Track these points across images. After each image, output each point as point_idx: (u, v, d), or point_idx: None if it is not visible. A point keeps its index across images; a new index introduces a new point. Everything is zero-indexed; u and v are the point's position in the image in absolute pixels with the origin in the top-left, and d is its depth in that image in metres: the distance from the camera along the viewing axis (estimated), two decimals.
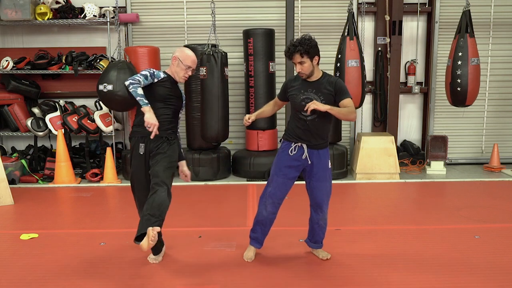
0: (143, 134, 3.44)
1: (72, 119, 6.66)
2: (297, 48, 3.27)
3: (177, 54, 3.57)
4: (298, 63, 3.32)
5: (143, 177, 3.49)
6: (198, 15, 7.15)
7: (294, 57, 3.31)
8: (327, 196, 3.54)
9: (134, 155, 3.51)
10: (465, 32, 6.22)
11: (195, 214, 4.83)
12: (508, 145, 7.59)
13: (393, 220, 4.73)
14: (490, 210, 4.97)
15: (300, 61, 3.31)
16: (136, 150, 3.49)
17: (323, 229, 3.65)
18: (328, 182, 3.52)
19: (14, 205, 5.29)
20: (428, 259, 3.70)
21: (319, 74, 3.43)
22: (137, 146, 3.49)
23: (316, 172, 3.47)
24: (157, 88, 3.50)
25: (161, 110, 3.49)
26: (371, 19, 7.36)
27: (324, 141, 3.49)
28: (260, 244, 3.75)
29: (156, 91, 3.49)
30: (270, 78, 6.73)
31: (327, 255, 3.71)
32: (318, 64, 3.42)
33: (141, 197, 3.52)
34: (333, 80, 3.42)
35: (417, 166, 7.22)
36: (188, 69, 3.57)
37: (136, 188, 3.55)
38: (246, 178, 6.60)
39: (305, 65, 3.32)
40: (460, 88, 6.25)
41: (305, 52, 3.27)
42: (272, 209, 3.56)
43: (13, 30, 7.18)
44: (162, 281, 3.38)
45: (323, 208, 3.55)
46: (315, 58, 3.35)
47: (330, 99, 3.37)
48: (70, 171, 6.35)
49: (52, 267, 3.61)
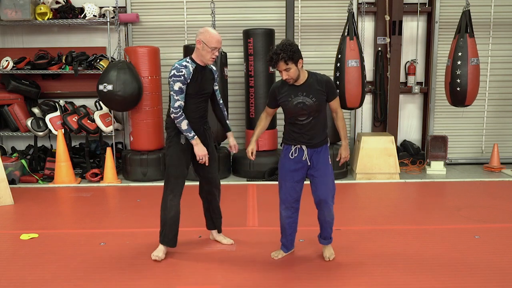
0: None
1: (72, 119, 6.66)
2: (280, 56, 3.23)
3: (201, 37, 3.50)
4: (284, 70, 3.28)
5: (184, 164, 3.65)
6: (198, 15, 7.15)
7: (279, 65, 3.27)
8: (331, 191, 3.52)
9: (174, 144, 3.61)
10: (465, 32, 6.22)
11: (195, 214, 4.83)
12: (508, 145, 7.59)
13: (393, 220, 4.73)
14: (490, 210, 4.97)
15: (285, 68, 3.27)
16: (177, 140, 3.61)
17: (331, 224, 3.64)
18: (330, 177, 3.52)
19: (14, 205, 5.29)
20: (428, 259, 3.70)
21: (305, 75, 3.41)
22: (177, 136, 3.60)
23: (317, 169, 3.48)
24: (190, 87, 3.51)
25: (199, 103, 3.60)
26: (371, 19, 7.36)
27: (322, 139, 3.50)
28: (286, 248, 3.77)
29: (190, 90, 3.52)
30: (270, 78, 6.73)
31: (331, 255, 3.70)
32: (303, 66, 3.39)
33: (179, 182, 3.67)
34: (323, 79, 3.41)
35: (417, 166, 7.22)
36: (214, 50, 3.51)
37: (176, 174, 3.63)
38: (246, 178, 6.60)
39: (291, 71, 3.29)
40: (460, 88, 6.25)
41: (289, 58, 3.24)
42: (286, 213, 3.59)
43: (13, 30, 7.18)
44: (162, 281, 3.38)
45: (329, 204, 3.52)
46: (299, 61, 3.31)
47: (322, 98, 3.39)
48: (70, 171, 6.35)
49: (52, 267, 3.61)
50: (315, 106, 3.37)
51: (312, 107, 3.37)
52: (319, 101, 3.37)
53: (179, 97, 3.47)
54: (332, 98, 3.44)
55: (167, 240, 3.70)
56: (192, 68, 3.52)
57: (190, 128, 3.51)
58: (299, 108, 3.37)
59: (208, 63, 3.60)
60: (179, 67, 3.47)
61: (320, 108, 3.40)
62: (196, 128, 3.62)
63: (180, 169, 3.63)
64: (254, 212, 4.96)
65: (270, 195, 5.63)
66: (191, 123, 3.56)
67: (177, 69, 3.46)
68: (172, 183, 3.64)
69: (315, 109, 3.38)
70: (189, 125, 3.51)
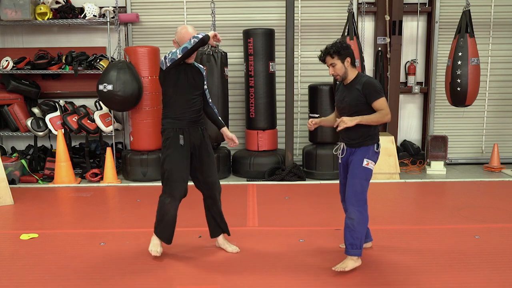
0: (181, 126, 3.55)
1: (72, 119, 6.65)
2: (327, 50, 3.36)
3: (175, 37, 3.59)
4: (330, 65, 3.39)
5: (184, 167, 3.59)
6: (198, 15, 7.14)
7: (326, 59, 3.39)
8: (354, 194, 3.41)
9: (174, 145, 3.55)
10: (465, 32, 6.22)
11: (195, 214, 4.83)
12: (508, 145, 7.59)
13: (393, 220, 4.73)
14: (490, 210, 4.97)
15: (331, 62, 3.37)
16: (176, 140, 3.54)
17: (351, 231, 3.38)
18: (357, 179, 3.41)
19: (14, 205, 5.29)
20: (428, 259, 3.70)
21: (353, 75, 3.43)
22: (176, 138, 3.54)
23: (350, 169, 3.48)
24: (180, 79, 3.50)
25: (192, 101, 3.57)
26: (371, 19, 7.36)
27: (358, 141, 3.43)
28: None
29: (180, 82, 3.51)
30: (270, 78, 6.73)
31: (340, 267, 3.40)
32: (353, 65, 3.41)
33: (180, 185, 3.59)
34: (363, 80, 3.38)
35: (417, 166, 7.22)
36: None
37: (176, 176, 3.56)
38: (246, 178, 6.60)
39: (336, 66, 3.37)
40: (460, 88, 6.25)
41: (335, 52, 3.32)
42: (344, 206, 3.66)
43: (13, 30, 7.18)
44: (162, 281, 3.38)
45: (348, 206, 3.43)
46: (347, 59, 3.36)
47: (359, 100, 3.35)
48: (70, 171, 6.35)
49: (52, 267, 3.61)
50: (350, 107, 3.40)
51: (348, 107, 3.42)
52: (355, 101, 3.36)
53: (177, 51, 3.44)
54: (372, 100, 3.32)
55: (162, 236, 3.69)
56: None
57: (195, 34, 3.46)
58: (340, 106, 3.51)
59: (188, 62, 3.60)
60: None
61: (357, 109, 3.36)
62: (193, 130, 3.60)
63: (180, 172, 3.57)
64: (254, 212, 4.95)
65: (270, 195, 5.63)
66: (186, 124, 3.55)
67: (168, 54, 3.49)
68: (173, 186, 3.56)
69: (352, 110, 3.38)
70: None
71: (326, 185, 6.19)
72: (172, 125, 3.56)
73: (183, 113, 3.55)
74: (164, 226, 3.67)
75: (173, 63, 3.45)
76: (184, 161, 3.58)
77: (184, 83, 3.53)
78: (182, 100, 3.54)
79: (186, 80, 3.54)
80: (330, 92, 6.53)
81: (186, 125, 3.57)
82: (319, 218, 4.75)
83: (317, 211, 4.99)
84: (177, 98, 3.54)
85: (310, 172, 6.62)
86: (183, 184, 3.59)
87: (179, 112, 3.55)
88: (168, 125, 3.58)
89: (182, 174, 3.58)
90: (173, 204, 3.60)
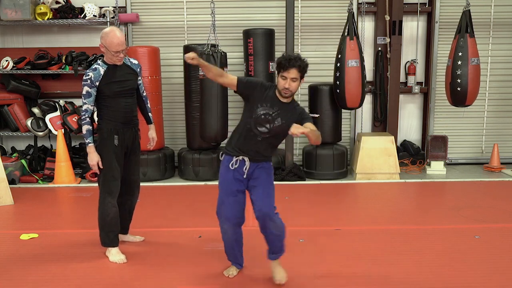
0: (115, 126, 3.64)
1: (72, 119, 6.65)
2: (297, 62, 3.04)
3: (102, 41, 3.51)
4: (291, 78, 3.05)
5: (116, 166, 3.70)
6: (198, 15, 7.14)
7: (291, 71, 3.04)
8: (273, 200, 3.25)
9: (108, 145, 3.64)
10: (465, 32, 6.22)
11: (195, 214, 4.83)
12: (508, 145, 7.58)
13: (393, 220, 4.73)
14: (490, 210, 4.97)
15: (294, 77, 3.05)
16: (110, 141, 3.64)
17: (280, 237, 3.27)
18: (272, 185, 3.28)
19: (14, 205, 5.29)
20: (428, 259, 3.70)
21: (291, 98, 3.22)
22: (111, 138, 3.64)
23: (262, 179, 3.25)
24: (105, 88, 3.55)
25: (123, 102, 3.64)
26: (371, 19, 7.36)
27: (267, 157, 3.29)
28: (240, 264, 3.52)
29: (107, 92, 3.56)
30: (270, 78, 6.72)
31: (282, 278, 3.29)
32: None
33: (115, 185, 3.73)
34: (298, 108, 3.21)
35: (417, 166, 7.22)
36: (116, 53, 3.50)
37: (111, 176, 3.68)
38: None
39: (295, 83, 3.07)
40: (460, 88, 6.25)
41: (302, 70, 3.08)
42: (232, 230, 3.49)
43: (13, 30, 7.18)
44: (162, 281, 3.38)
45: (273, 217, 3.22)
46: (302, 80, 3.16)
47: (293, 122, 3.05)
48: (70, 171, 6.35)
49: (52, 267, 3.61)
50: (283, 126, 3.13)
51: (280, 126, 3.14)
52: (291, 123, 3.03)
53: (86, 101, 3.56)
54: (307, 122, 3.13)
55: (108, 241, 3.76)
56: (103, 70, 3.54)
57: (90, 134, 3.57)
58: (263, 120, 3.15)
59: (118, 64, 3.60)
60: (87, 71, 3.53)
61: (286, 130, 3.07)
62: (123, 132, 3.70)
63: (116, 171, 3.69)
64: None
65: None
66: (117, 126, 3.64)
67: (86, 74, 3.52)
68: (110, 185, 3.68)
69: (285, 130, 3.12)
70: (89, 131, 3.57)
71: (326, 185, 6.19)
72: (106, 126, 3.64)
73: (117, 115, 3.65)
74: (108, 229, 3.73)
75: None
76: (119, 161, 3.71)
77: (111, 88, 3.58)
78: (115, 104, 3.62)
79: (114, 84, 3.59)
80: (330, 92, 6.53)
81: (121, 126, 3.67)
82: (319, 218, 4.75)
83: (317, 211, 4.99)
84: (110, 101, 3.61)
85: (310, 172, 6.62)
86: (118, 183, 3.74)
87: (112, 114, 3.64)
88: (103, 125, 3.66)
89: (118, 172, 3.71)
90: (113, 202, 3.71)
